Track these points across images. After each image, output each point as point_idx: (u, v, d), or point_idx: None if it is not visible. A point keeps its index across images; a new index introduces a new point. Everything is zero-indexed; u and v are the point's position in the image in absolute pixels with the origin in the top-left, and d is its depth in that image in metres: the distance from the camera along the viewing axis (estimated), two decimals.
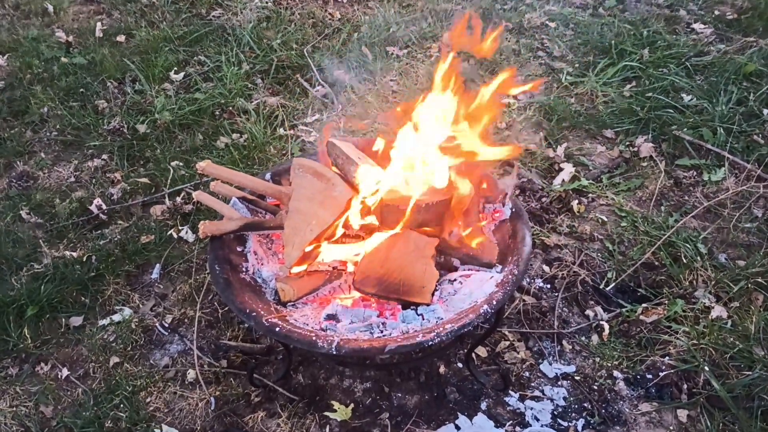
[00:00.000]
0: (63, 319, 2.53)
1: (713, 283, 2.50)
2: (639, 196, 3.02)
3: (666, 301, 2.46)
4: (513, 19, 4.39)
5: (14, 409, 2.25)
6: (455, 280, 1.97)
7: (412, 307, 1.85)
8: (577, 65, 3.92)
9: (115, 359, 2.38)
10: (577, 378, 2.26)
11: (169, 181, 3.15)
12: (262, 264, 2.06)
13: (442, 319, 1.79)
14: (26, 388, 2.32)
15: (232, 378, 2.29)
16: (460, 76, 1.96)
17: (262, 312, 1.77)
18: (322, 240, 1.92)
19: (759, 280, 2.48)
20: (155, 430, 2.15)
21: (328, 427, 2.12)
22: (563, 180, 3.07)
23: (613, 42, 3.97)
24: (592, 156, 3.26)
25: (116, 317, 2.53)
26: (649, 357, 2.30)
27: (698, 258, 2.60)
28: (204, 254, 2.74)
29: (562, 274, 2.62)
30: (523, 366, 2.30)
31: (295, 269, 1.94)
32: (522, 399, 2.19)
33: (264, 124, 3.46)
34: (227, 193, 2.15)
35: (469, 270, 1.99)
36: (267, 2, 4.62)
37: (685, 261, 2.60)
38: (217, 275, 1.88)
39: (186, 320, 2.53)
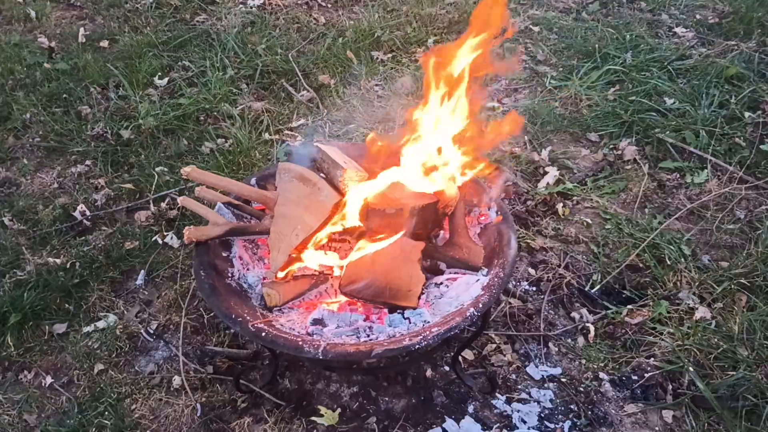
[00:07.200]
0: (46, 327, 2.50)
1: (697, 284, 2.52)
2: (623, 198, 3.04)
3: (651, 303, 2.48)
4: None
5: None
6: (441, 283, 1.98)
7: (398, 311, 1.86)
8: (560, 69, 3.95)
9: (99, 366, 2.36)
10: (564, 380, 2.27)
11: (153, 186, 3.12)
12: (247, 269, 2.05)
13: (428, 322, 1.79)
14: (9, 396, 2.29)
15: (218, 384, 2.28)
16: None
17: (248, 317, 1.76)
18: (308, 244, 1.92)
19: (742, 280, 2.50)
20: None
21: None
22: (548, 183, 3.09)
23: (596, 46, 4.00)
24: (576, 159, 3.28)
25: (101, 324, 2.50)
26: (635, 358, 2.31)
27: (682, 259, 2.62)
28: (189, 260, 2.73)
29: (548, 276, 2.64)
30: (510, 369, 2.31)
31: (281, 274, 1.93)
32: (509, 401, 2.19)
33: (249, 129, 3.45)
34: (212, 198, 2.14)
35: (455, 273, 2.00)
36: (252, 7, 4.61)
37: (669, 263, 2.62)
38: (202, 281, 1.87)
39: (171, 326, 2.51)
